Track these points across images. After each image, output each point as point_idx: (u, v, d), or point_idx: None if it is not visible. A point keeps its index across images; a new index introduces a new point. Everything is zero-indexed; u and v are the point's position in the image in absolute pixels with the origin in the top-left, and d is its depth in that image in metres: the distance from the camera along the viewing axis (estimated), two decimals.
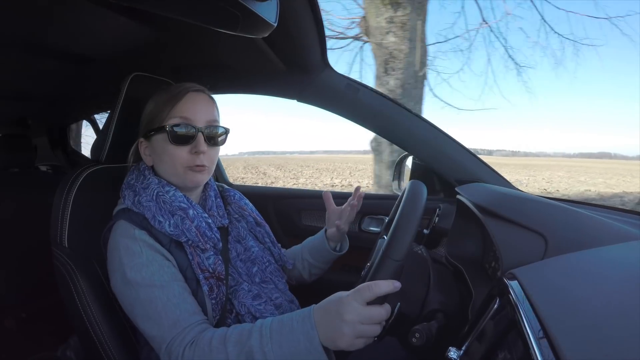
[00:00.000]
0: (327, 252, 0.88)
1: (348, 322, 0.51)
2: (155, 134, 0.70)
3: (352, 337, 0.51)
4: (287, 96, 1.12)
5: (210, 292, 0.66)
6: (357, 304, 0.51)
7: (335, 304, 0.53)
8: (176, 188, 0.70)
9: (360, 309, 0.51)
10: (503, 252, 0.56)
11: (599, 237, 0.55)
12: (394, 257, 0.55)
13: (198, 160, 0.68)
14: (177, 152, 0.68)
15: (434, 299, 0.61)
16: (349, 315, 0.51)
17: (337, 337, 0.51)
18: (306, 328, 0.53)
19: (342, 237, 0.90)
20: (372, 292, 0.51)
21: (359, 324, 0.51)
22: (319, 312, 0.54)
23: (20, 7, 0.75)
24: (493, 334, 0.44)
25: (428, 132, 1.03)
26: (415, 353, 0.61)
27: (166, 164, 0.70)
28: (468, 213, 0.76)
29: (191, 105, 0.69)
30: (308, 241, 0.94)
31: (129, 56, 1.05)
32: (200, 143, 0.68)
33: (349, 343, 0.51)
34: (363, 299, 0.51)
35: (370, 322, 0.52)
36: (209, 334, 0.59)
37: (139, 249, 0.63)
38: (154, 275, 0.62)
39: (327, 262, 0.90)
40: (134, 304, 0.62)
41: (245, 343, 0.55)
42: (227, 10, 0.48)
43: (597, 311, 0.35)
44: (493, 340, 0.43)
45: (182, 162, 0.68)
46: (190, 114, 0.69)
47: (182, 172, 0.69)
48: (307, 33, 0.83)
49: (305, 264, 0.90)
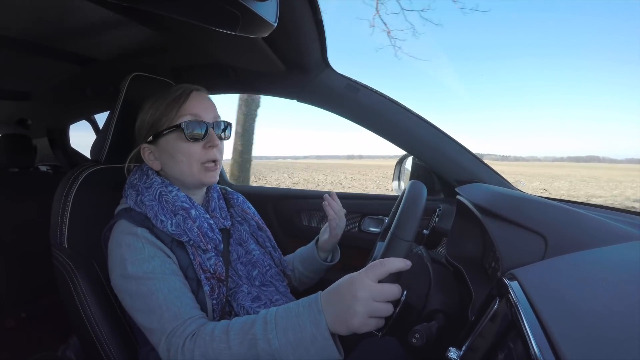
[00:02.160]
0: (317, 263, 0.88)
1: (360, 299, 0.49)
2: (165, 135, 0.70)
3: (365, 316, 0.49)
4: (287, 96, 1.12)
5: (211, 292, 0.65)
6: (370, 281, 0.50)
7: (346, 283, 0.52)
8: (179, 188, 0.71)
9: (372, 285, 0.50)
10: (503, 252, 0.56)
11: (599, 237, 0.55)
12: (403, 237, 0.55)
13: (212, 154, 0.70)
14: (193, 148, 0.69)
15: (434, 299, 0.61)
16: (361, 291, 0.49)
17: (349, 316, 0.49)
18: (313, 312, 0.51)
19: (333, 246, 0.89)
20: (385, 268, 0.51)
21: (372, 300, 0.49)
22: (326, 296, 0.53)
23: (20, 7, 0.75)
24: (493, 334, 0.44)
25: (428, 132, 1.03)
26: (415, 353, 0.61)
27: (182, 163, 0.70)
28: (468, 213, 0.76)
29: (198, 103, 0.71)
30: (300, 250, 0.94)
31: (129, 56, 1.05)
32: (213, 137, 0.70)
33: (362, 322, 0.49)
34: (375, 276, 0.50)
35: (383, 299, 0.50)
36: (210, 325, 0.58)
37: (141, 245, 0.64)
38: (156, 269, 0.62)
39: (317, 272, 0.90)
40: (134, 298, 0.61)
41: (249, 331, 0.53)
42: (227, 10, 0.48)
43: (597, 311, 0.35)
44: (493, 340, 0.43)
45: (197, 158, 0.69)
46: (199, 111, 0.70)
47: (198, 170, 0.70)
48: (307, 33, 0.83)
49: (297, 272, 0.90)
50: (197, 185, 0.73)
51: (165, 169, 0.73)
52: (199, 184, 0.72)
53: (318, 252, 0.88)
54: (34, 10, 0.76)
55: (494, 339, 0.43)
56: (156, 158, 0.73)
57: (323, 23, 0.81)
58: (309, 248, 0.91)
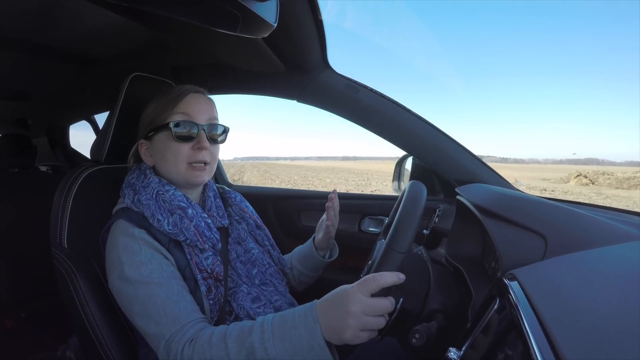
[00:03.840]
0: (316, 260, 0.88)
1: (353, 314, 0.50)
2: (157, 133, 0.71)
3: (356, 329, 0.50)
4: (287, 96, 1.12)
5: (208, 292, 0.65)
6: (362, 295, 0.51)
7: (340, 295, 0.52)
8: (176, 187, 0.71)
9: (365, 300, 0.51)
10: (503, 252, 0.56)
11: (599, 237, 0.55)
12: (398, 249, 0.54)
13: (200, 156, 0.70)
14: (180, 148, 0.69)
15: (434, 300, 0.61)
16: (353, 306, 0.50)
17: (341, 329, 0.50)
18: (308, 322, 0.52)
19: (330, 243, 0.89)
20: (377, 283, 0.51)
21: (364, 315, 0.50)
22: (321, 306, 0.53)
23: (20, 7, 0.75)
24: (493, 334, 0.44)
25: (428, 132, 1.03)
26: (415, 353, 0.61)
27: (168, 162, 0.70)
28: (468, 213, 0.76)
29: (192, 104, 0.71)
30: (298, 249, 0.94)
31: (129, 56, 1.05)
32: (202, 139, 0.70)
33: (354, 335, 0.50)
34: (368, 291, 0.51)
35: (374, 313, 0.51)
36: (208, 331, 0.58)
37: (138, 247, 0.63)
38: (153, 273, 0.62)
39: (316, 269, 0.90)
40: (132, 302, 0.61)
41: (247, 339, 0.54)
42: (227, 10, 0.48)
43: (597, 311, 0.35)
44: (493, 340, 0.43)
45: (184, 158, 0.69)
46: (192, 112, 0.70)
47: (184, 169, 0.70)
48: (307, 33, 0.83)
49: (295, 271, 0.90)
50: (185, 185, 0.73)
51: (157, 166, 0.73)
52: (187, 184, 0.72)
53: (317, 250, 0.89)
54: (34, 10, 0.76)
55: (494, 339, 0.43)
56: (150, 154, 0.73)
57: (323, 23, 0.81)
58: (307, 246, 0.91)
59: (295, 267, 0.90)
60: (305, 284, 0.92)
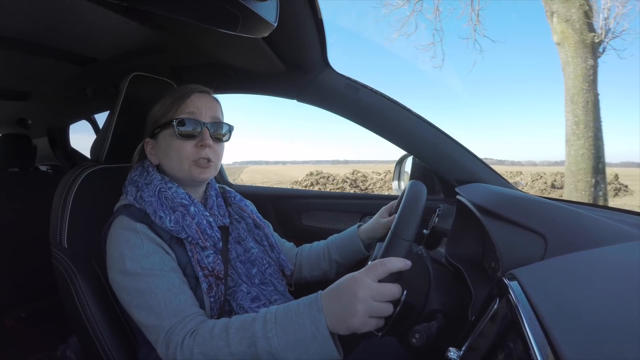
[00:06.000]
0: (360, 254, 0.86)
1: (361, 299, 0.49)
2: (161, 131, 0.71)
3: (365, 315, 0.50)
4: (287, 96, 1.12)
5: (209, 290, 0.66)
6: (370, 281, 0.51)
7: (347, 282, 0.52)
8: (179, 185, 0.71)
9: (373, 285, 0.50)
10: (503, 252, 0.56)
11: (599, 237, 0.55)
12: (404, 237, 0.55)
13: (203, 153, 0.70)
14: (184, 146, 0.69)
15: (434, 299, 0.61)
16: (361, 291, 0.50)
17: (349, 315, 0.50)
18: (313, 312, 0.52)
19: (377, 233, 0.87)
20: (385, 268, 0.51)
21: (372, 300, 0.50)
22: (327, 296, 0.53)
23: (20, 7, 0.75)
24: (493, 334, 0.44)
25: (428, 132, 1.03)
26: (415, 353, 0.61)
27: (172, 159, 0.71)
28: (468, 213, 0.76)
29: (197, 103, 0.72)
30: (335, 241, 0.90)
31: (129, 56, 1.05)
32: (205, 137, 0.70)
33: (362, 321, 0.50)
34: (376, 276, 0.51)
35: (383, 299, 0.51)
36: (210, 323, 0.58)
37: (140, 241, 0.64)
38: (155, 266, 0.62)
39: (356, 262, 0.88)
40: (132, 295, 0.61)
41: (249, 329, 0.54)
42: (227, 10, 0.48)
43: (597, 311, 0.35)
44: (493, 340, 0.43)
45: (187, 155, 0.70)
46: (196, 110, 0.71)
47: (188, 167, 0.70)
48: (307, 33, 0.83)
49: (334, 264, 0.88)
50: (189, 182, 0.73)
51: (162, 164, 0.74)
52: (190, 181, 0.72)
53: (361, 242, 0.86)
54: (34, 10, 0.76)
55: (494, 339, 0.43)
56: (155, 153, 0.74)
57: (323, 23, 0.81)
58: (350, 239, 0.88)
59: (334, 259, 0.88)
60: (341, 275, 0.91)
